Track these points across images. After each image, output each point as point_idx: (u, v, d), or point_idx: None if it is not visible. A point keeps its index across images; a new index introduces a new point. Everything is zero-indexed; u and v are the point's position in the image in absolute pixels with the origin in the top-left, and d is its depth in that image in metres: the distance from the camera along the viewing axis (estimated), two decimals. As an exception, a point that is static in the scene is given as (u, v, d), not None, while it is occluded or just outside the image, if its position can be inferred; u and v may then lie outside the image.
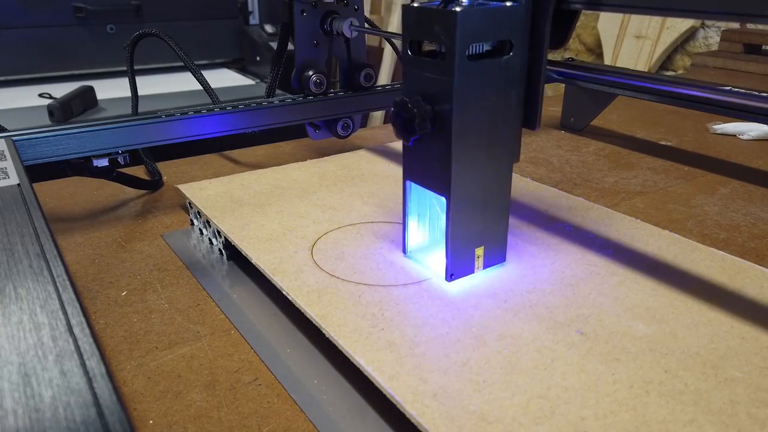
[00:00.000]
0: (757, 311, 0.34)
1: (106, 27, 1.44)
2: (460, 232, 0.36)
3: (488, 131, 0.34)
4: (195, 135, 0.54)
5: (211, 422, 0.30)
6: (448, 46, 0.32)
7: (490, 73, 0.33)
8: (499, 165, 0.36)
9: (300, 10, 0.56)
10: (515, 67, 0.34)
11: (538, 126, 0.37)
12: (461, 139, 0.33)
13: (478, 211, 0.36)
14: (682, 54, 1.51)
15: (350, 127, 0.63)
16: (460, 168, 0.34)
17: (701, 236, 0.48)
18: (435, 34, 0.32)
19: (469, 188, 0.35)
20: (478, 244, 0.37)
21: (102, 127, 0.49)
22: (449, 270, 0.36)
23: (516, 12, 0.33)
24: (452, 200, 0.34)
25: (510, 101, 0.35)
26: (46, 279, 0.27)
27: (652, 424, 0.26)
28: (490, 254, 0.38)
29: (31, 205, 0.34)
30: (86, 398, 0.20)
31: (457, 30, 0.31)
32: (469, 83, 0.32)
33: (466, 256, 0.37)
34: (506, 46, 0.33)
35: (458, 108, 0.32)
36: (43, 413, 0.19)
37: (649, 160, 0.67)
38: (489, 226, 0.37)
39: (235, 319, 0.38)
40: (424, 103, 0.33)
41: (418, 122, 0.33)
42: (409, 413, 0.27)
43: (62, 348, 0.22)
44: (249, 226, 0.44)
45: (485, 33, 0.32)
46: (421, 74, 0.34)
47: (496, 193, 0.36)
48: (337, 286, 0.37)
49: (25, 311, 0.25)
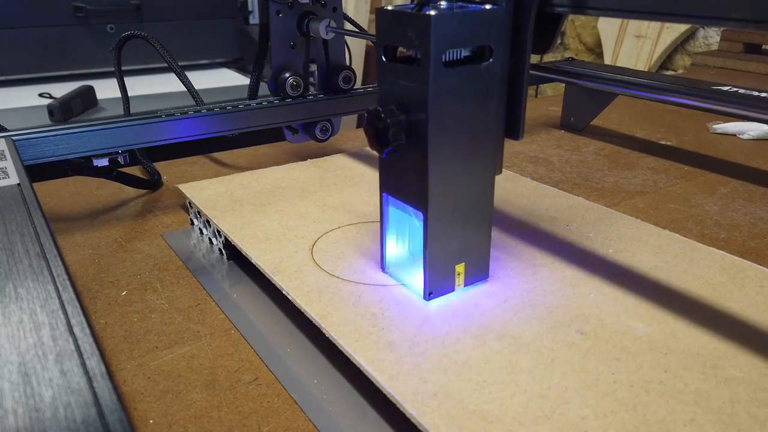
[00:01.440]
0: (756, 311, 0.34)
1: (106, 27, 1.44)
2: (439, 249, 0.34)
3: (467, 142, 0.32)
4: (194, 135, 0.53)
5: (211, 422, 0.30)
6: (422, 52, 0.30)
7: (469, 81, 0.31)
8: (480, 177, 0.34)
9: (276, 11, 0.55)
10: (495, 74, 0.32)
11: (521, 136, 0.35)
12: (438, 151, 0.31)
13: (458, 226, 0.34)
14: (682, 53, 1.51)
15: (329, 130, 0.61)
16: (438, 181, 0.32)
17: (701, 236, 0.48)
18: (409, 39, 0.30)
19: (448, 202, 0.33)
20: (458, 260, 0.35)
21: (102, 127, 0.49)
22: (427, 288, 0.34)
23: (496, 16, 0.31)
24: (430, 215, 0.33)
25: (490, 110, 0.33)
26: (46, 279, 0.27)
27: (652, 424, 0.26)
28: (472, 271, 0.36)
29: (31, 204, 0.34)
30: (86, 398, 0.20)
31: (432, 35, 0.29)
32: (445, 91, 0.30)
33: (446, 274, 0.35)
34: (486, 51, 0.32)
35: (434, 118, 0.31)
36: (43, 413, 0.20)
37: (649, 159, 0.67)
38: (470, 242, 0.35)
39: (235, 319, 0.38)
40: (399, 112, 0.31)
41: (391, 133, 0.31)
42: (409, 413, 0.27)
43: (62, 348, 0.22)
44: (249, 226, 0.44)
45: (462, 38, 0.30)
46: (396, 81, 0.32)
47: (476, 207, 0.34)
48: (337, 286, 0.37)
49: (25, 311, 0.25)
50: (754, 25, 0.24)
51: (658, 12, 0.28)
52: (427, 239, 0.33)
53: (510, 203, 0.49)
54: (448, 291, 0.35)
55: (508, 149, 0.70)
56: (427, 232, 0.33)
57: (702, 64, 1.23)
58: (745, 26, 0.24)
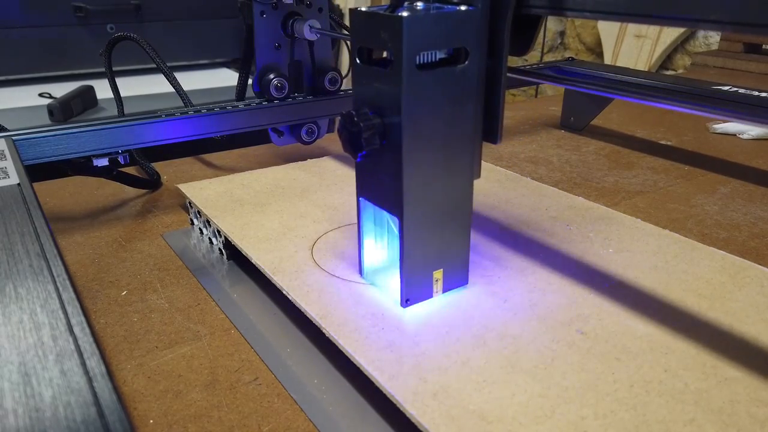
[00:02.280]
0: (757, 311, 0.34)
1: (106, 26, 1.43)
2: (416, 255, 0.33)
3: (443, 146, 0.32)
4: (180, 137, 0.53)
5: (211, 422, 0.30)
6: (395, 54, 0.29)
7: (444, 83, 0.30)
8: (458, 182, 0.33)
9: (260, 12, 0.54)
10: (472, 77, 0.31)
11: (499, 140, 0.34)
12: (413, 155, 0.31)
13: (436, 231, 0.33)
14: (682, 53, 1.51)
15: (315, 132, 0.60)
16: (413, 186, 0.31)
17: (701, 236, 0.48)
18: (382, 41, 0.30)
19: (424, 207, 0.32)
20: (436, 266, 0.34)
21: (102, 127, 0.49)
22: (404, 295, 0.34)
23: (471, 18, 0.30)
24: (405, 220, 0.32)
25: (467, 113, 0.32)
26: (46, 278, 0.27)
27: (652, 424, 0.26)
28: (450, 277, 0.35)
29: (31, 204, 0.34)
30: (86, 398, 0.20)
31: (404, 37, 0.28)
32: (419, 94, 0.30)
33: (423, 280, 0.34)
34: (462, 54, 0.31)
35: (408, 121, 0.30)
36: (43, 413, 0.20)
37: (650, 159, 0.67)
38: (448, 248, 0.34)
39: (236, 319, 0.38)
40: (373, 115, 0.31)
41: (365, 137, 0.30)
42: (409, 413, 0.27)
43: (62, 347, 0.22)
44: (249, 226, 0.44)
45: (436, 40, 0.30)
46: (370, 84, 0.31)
47: (454, 213, 0.34)
48: (337, 286, 0.37)
49: (26, 311, 0.25)
50: (731, 27, 0.23)
51: (633, 14, 0.28)
52: (403, 245, 0.33)
53: (510, 203, 0.49)
54: (426, 297, 0.35)
55: (508, 149, 0.70)
56: (403, 238, 0.32)
57: (702, 63, 1.23)
58: (723, 28, 0.24)
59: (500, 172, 0.56)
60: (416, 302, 0.35)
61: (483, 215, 0.46)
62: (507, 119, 0.84)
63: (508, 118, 0.85)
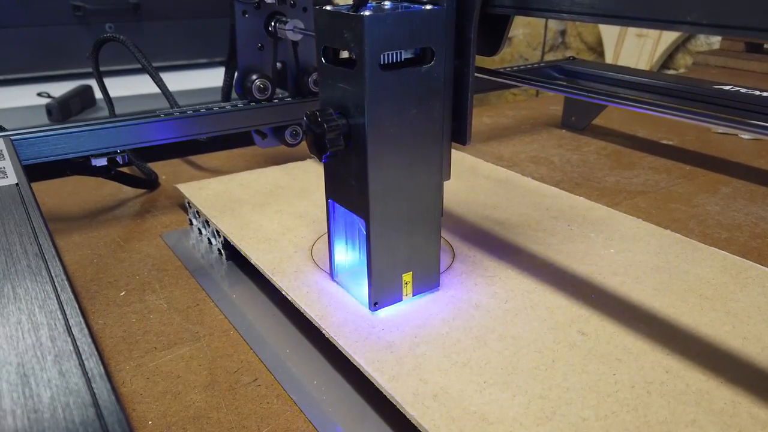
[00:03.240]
0: (758, 311, 0.34)
1: (105, 26, 1.43)
2: (383, 258, 0.33)
3: (410, 147, 0.31)
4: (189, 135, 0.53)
5: (210, 423, 0.30)
6: (357, 54, 0.29)
7: (409, 84, 0.30)
8: (426, 184, 0.33)
9: (241, 11, 0.53)
10: (438, 77, 0.31)
11: (468, 141, 0.34)
12: (379, 156, 0.30)
13: (404, 234, 0.33)
14: (683, 53, 1.51)
15: (299, 134, 0.59)
16: (379, 187, 0.31)
17: (703, 236, 0.48)
18: (345, 40, 0.29)
19: (392, 210, 0.32)
20: (405, 269, 0.34)
21: (100, 127, 0.49)
22: (372, 298, 0.33)
23: (436, 17, 0.30)
24: (372, 223, 0.31)
25: (434, 114, 0.31)
26: (45, 279, 0.27)
27: (653, 425, 0.26)
28: (420, 280, 0.35)
29: (30, 204, 0.34)
30: (85, 399, 0.20)
31: (366, 36, 0.28)
32: (384, 95, 0.29)
33: (392, 283, 0.34)
34: (428, 54, 0.31)
35: (372, 122, 0.29)
36: (41, 414, 0.19)
37: (651, 159, 0.67)
38: (417, 251, 0.34)
39: (235, 320, 0.38)
40: (339, 116, 0.30)
41: (328, 138, 0.30)
42: (409, 414, 0.27)
43: (61, 348, 0.22)
44: (248, 226, 0.44)
45: (400, 40, 0.29)
46: (336, 84, 0.31)
47: (423, 215, 0.33)
48: (336, 286, 0.37)
49: (24, 311, 0.24)
50: (709, 29, 0.23)
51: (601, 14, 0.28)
52: (369, 248, 0.32)
53: (511, 203, 0.48)
54: (396, 301, 0.35)
55: (509, 149, 0.70)
56: (369, 241, 0.32)
57: (703, 63, 1.23)
58: (701, 30, 0.23)
59: (501, 172, 0.55)
60: (385, 306, 0.34)
61: (484, 215, 0.46)
62: (508, 119, 0.84)
63: (509, 117, 0.84)
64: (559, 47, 1.87)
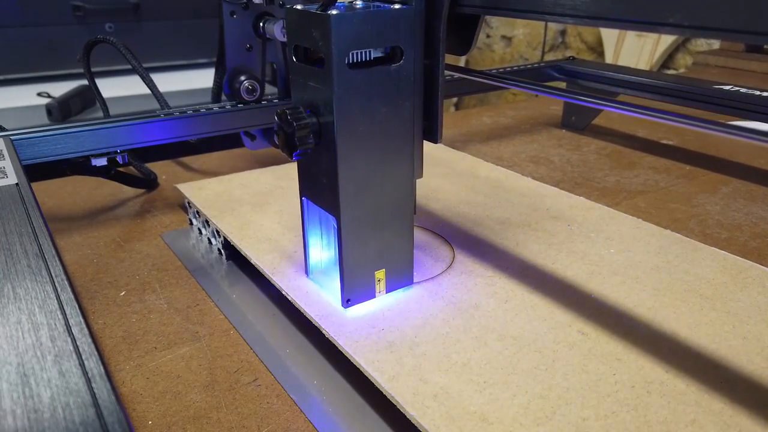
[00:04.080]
0: (758, 311, 0.34)
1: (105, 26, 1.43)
2: (355, 255, 0.33)
3: (381, 145, 0.32)
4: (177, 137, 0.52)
5: (210, 423, 0.30)
6: (325, 52, 0.29)
7: (378, 83, 0.30)
8: (397, 182, 0.33)
9: (229, 12, 0.52)
10: (408, 76, 0.31)
11: (439, 139, 0.34)
12: (349, 154, 0.31)
13: (376, 231, 0.33)
14: (683, 52, 1.51)
15: None
16: (350, 185, 0.31)
17: (703, 236, 0.48)
18: (314, 39, 0.29)
19: (363, 207, 0.32)
20: (377, 267, 0.34)
21: (100, 127, 0.49)
22: (345, 295, 0.34)
23: (405, 17, 0.30)
24: (343, 220, 0.32)
25: (404, 113, 0.32)
26: (45, 279, 0.27)
27: (653, 425, 0.26)
28: (394, 277, 0.35)
29: (30, 204, 0.34)
30: (85, 399, 0.20)
31: (332, 35, 0.28)
32: (352, 93, 0.30)
33: (365, 280, 0.34)
34: (397, 52, 0.31)
35: (341, 120, 0.30)
36: (41, 414, 0.19)
37: (651, 159, 0.67)
38: (390, 248, 0.34)
39: (235, 320, 0.38)
40: (309, 115, 0.31)
41: (298, 136, 0.30)
42: (409, 414, 0.27)
43: (61, 348, 0.22)
44: (248, 226, 0.44)
45: (368, 39, 0.29)
46: (306, 83, 0.31)
47: (395, 212, 0.33)
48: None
49: (24, 311, 0.24)
50: (690, 31, 0.23)
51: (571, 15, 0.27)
52: (341, 245, 0.32)
53: (511, 203, 0.48)
54: (368, 298, 0.35)
55: (509, 149, 0.70)
56: (341, 238, 0.32)
57: (703, 63, 1.23)
58: (683, 33, 0.23)
59: (501, 172, 0.55)
60: (358, 302, 0.34)
61: (484, 215, 0.46)
62: (508, 119, 0.84)
63: (509, 117, 0.84)
64: (559, 47, 1.87)
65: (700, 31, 0.22)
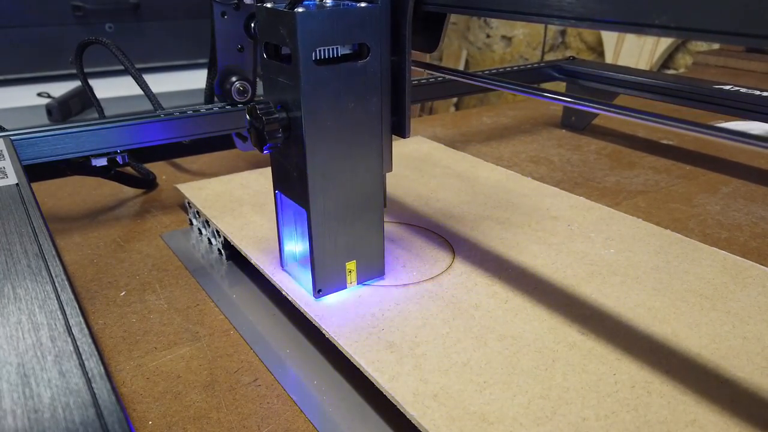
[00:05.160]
0: (758, 311, 0.34)
1: (105, 26, 1.43)
2: (326, 246, 0.34)
3: (349, 139, 0.32)
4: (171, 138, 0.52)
5: (210, 423, 0.30)
6: (292, 49, 0.30)
7: (345, 78, 0.31)
8: (366, 175, 0.34)
9: (220, 13, 0.52)
10: (375, 72, 0.32)
11: (408, 134, 0.35)
12: (317, 148, 0.31)
13: (346, 223, 0.34)
14: (683, 52, 1.51)
15: None
16: (319, 179, 0.32)
17: (703, 236, 0.48)
18: (281, 36, 0.30)
19: (332, 200, 0.33)
20: (348, 258, 0.35)
21: (100, 127, 0.49)
22: (316, 285, 0.34)
23: (370, 14, 0.31)
24: (313, 212, 0.33)
25: (372, 108, 0.32)
26: (45, 279, 0.27)
27: (653, 425, 0.26)
28: (365, 269, 0.36)
29: (30, 204, 0.34)
30: (85, 399, 0.20)
31: (298, 32, 0.29)
32: (319, 89, 0.30)
33: (335, 272, 0.35)
34: (364, 49, 0.32)
35: (309, 115, 0.31)
36: (42, 414, 0.19)
37: (651, 159, 0.67)
38: (360, 240, 0.35)
39: (235, 320, 0.38)
40: (280, 109, 0.32)
41: (267, 131, 0.31)
42: (409, 414, 0.27)
43: (61, 348, 0.22)
44: (248, 226, 0.44)
45: (334, 36, 0.30)
46: (276, 79, 0.32)
47: (365, 205, 0.34)
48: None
49: (24, 311, 0.24)
50: (676, 32, 0.22)
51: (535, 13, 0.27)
52: (311, 237, 0.33)
53: (511, 203, 0.48)
54: (340, 289, 0.36)
55: (509, 149, 0.70)
56: (311, 230, 0.33)
57: (703, 63, 1.23)
58: (668, 34, 0.23)
59: (501, 172, 0.55)
60: (330, 293, 0.35)
61: (484, 215, 0.46)
62: (508, 118, 0.84)
63: (509, 117, 0.84)
64: (559, 47, 1.87)
65: (689, 33, 0.22)
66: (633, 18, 0.24)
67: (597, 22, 0.25)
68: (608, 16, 0.25)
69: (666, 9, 0.22)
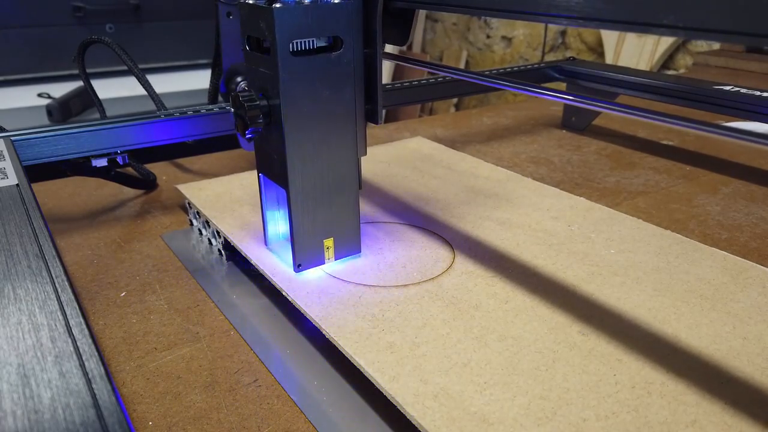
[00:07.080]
0: (759, 312, 0.34)
1: (105, 26, 1.44)
2: (305, 224, 0.36)
3: (325, 125, 0.35)
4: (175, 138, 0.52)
5: (210, 423, 0.30)
6: (271, 41, 0.32)
7: (321, 69, 0.34)
8: (342, 158, 0.36)
9: (225, 13, 0.53)
10: (348, 63, 0.35)
11: (380, 121, 0.38)
12: (295, 133, 0.34)
13: (323, 203, 0.37)
14: (683, 53, 1.51)
15: None
16: (297, 161, 0.35)
17: (703, 236, 0.48)
18: (261, 30, 0.33)
19: (310, 181, 0.36)
20: (325, 235, 0.38)
21: (101, 127, 0.49)
22: (296, 260, 0.37)
23: (342, 9, 0.33)
24: (292, 192, 0.35)
25: (345, 96, 0.35)
26: (45, 280, 0.27)
27: (653, 425, 0.26)
28: (342, 246, 0.39)
29: (30, 205, 0.34)
30: (85, 399, 0.20)
31: (276, 26, 0.31)
32: (296, 78, 0.33)
33: (314, 248, 0.38)
34: (338, 42, 0.34)
35: (287, 102, 0.33)
36: (42, 414, 0.19)
37: (651, 159, 0.67)
38: (337, 218, 0.38)
39: (235, 320, 0.38)
40: (261, 97, 0.34)
41: (248, 117, 0.34)
42: (409, 414, 0.27)
43: (61, 349, 0.22)
44: (248, 227, 0.44)
45: (309, 29, 0.33)
46: (257, 69, 0.35)
47: (341, 186, 0.37)
48: (337, 287, 0.37)
49: (24, 312, 0.24)
50: (683, 32, 0.22)
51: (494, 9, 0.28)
52: (291, 215, 0.36)
53: (512, 204, 0.48)
54: (318, 264, 0.38)
55: (509, 149, 0.70)
56: (291, 208, 0.36)
57: (703, 63, 1.22)
58: (675, 33, 0.22)
59: (501, 172, 0.55)
60: (308, 267, 0.38)
61: (484, 215, 0.46)
62: (508, 119, 0.84)
63: (509, 117, 0.84)
64: (559, 47, 1.87)
65: (696, 32, 0.22)
66: (640, 17, 0.24)
67: (600, 21, 0.25)
68: (615, 16, 0.25)
69: (674, 8, 0.22)
